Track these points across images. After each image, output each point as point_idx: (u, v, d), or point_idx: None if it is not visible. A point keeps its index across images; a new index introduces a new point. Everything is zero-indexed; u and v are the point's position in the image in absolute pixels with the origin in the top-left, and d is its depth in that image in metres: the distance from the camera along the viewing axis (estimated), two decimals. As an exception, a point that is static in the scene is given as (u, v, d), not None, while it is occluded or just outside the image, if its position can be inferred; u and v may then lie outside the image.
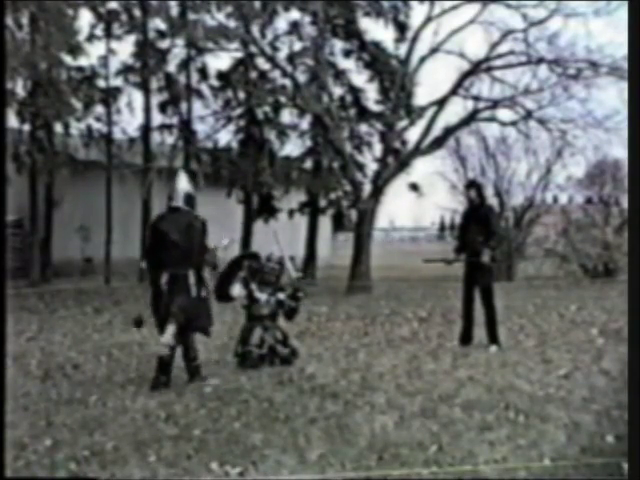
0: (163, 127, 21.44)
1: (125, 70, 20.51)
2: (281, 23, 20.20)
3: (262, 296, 7.15)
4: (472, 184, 9.02)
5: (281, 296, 7.23)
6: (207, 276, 6.34)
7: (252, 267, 7.25)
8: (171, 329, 6.08)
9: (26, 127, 18.95)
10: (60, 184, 20.38)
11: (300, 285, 7.38)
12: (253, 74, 20.50)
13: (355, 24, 20.38)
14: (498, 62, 17.49)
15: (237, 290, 7.15)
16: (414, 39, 18.27)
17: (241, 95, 20.94)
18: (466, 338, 8.30)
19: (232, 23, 18.03)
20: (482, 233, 8.12)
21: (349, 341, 8.81)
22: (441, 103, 17.78)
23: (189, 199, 6.41)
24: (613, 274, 19.53)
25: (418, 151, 18.12)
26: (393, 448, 4.36)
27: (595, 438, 4.51)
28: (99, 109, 20.37)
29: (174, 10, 19.17)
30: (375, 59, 20.52)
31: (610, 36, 22.40)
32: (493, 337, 8.13)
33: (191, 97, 21.30)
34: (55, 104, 17.36)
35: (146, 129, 20.85)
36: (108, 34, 19.88)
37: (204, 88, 21.42)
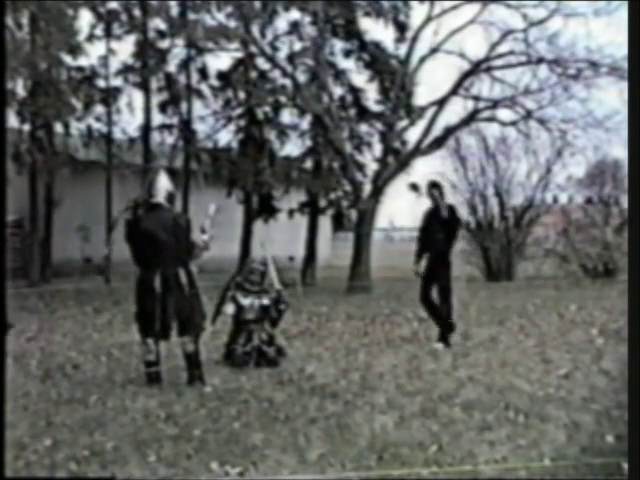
0: (163, 127, 21.45)
1: (125, 70, 20.50)
2: (281, 23, 20.20)
3: (246, 301, 7.22)
4: (434, 185, 8.94)
5: (265, 301, 7.27)
6: (194, 269, 6.28)
7: (236, 280, 7.45)
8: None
9: (26, 127, 18.92)
10: (60, 184, 20.35)
11: (283, 297, 7.39)
12: (253, 74, 20.50)
13: (355, 24, 20.36)
14: (498, 62, 17.50)
15: (230, 309, 7.25)
16: (414, 39, 18.28)
17: (241, 95, 20.93)
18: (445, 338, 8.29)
19: (232, 23, 18.05)
20: (444, 232, 8.27)
21: (349, 341, 8.81)
22: (441, 103, 17.78)
23: (170, 197, 6.25)
24: (613, 274, 19.50)
25: (418, 151, 18.12)
26: (393, 448, 4.36)
27: (595, 438, 4.51)
28: (99, 109, 20.37)
29: (174, 10, 19.19)
30: (375, 59, 20.51)
31: (610, 36, 22.29)
32: (444, 335, 8.21)
33: (191, 97, 21.30)
34: (55, 104, 17.37)
35: (146, 129, 20.84)
36: (108, 34, 19.87)
37: (204, 88, 21.41)
